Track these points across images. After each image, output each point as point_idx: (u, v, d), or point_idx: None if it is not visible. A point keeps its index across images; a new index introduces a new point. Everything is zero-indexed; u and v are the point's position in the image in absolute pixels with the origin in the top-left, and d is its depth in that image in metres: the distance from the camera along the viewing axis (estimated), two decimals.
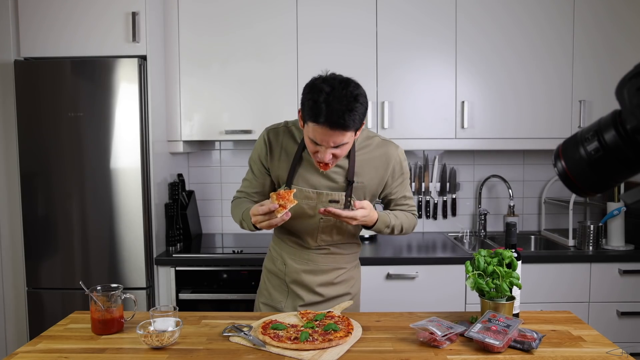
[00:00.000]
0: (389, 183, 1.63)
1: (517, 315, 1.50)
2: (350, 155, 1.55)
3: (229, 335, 1.40)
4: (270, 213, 1.42)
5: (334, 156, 1.43)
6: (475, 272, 1.42)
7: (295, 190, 1.48)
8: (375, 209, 1.57)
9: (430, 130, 2.61)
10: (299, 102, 1.47)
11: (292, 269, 1.69)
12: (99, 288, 1.46)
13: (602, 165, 0.75)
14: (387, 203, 1.72)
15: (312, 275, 1.68)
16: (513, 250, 1.48)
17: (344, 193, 1.54)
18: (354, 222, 1.49)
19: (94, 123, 2.31)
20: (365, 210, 1.48)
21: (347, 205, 1.53)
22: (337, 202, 1.54)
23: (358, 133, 1.45)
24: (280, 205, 1.40)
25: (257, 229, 1.53)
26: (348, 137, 1.39)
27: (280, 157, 1.59)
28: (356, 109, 1.33)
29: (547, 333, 1.42)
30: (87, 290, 1.44)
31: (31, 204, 2.35)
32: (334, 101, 1.31)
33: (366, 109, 1.39)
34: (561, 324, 1.50)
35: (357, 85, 1.38)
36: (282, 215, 1.42)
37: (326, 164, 1.45)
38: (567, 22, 2.58)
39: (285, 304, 1.71)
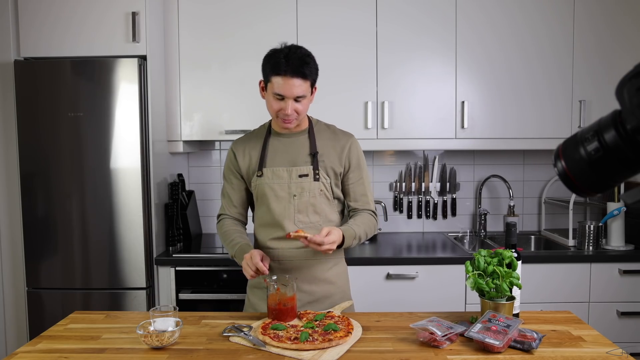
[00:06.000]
0: (346, 167, 1.70)
1: (517, 315, 1.50)
2: (310, 133, 1.71)
3: (229, 335, 1.40)
4: (256, 271, 1.53)
5: (296, 112, 1.59)
6: (475, 272, 1.42)
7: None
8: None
9: (430, 130, 2.61)
10: None
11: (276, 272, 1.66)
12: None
13: (602, 165, 0.75)
14: (346, 194, 1.73)
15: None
16: (513, 250, 1.49)
17: (311, 167, 1.66)
18: (323, 248, 1.49)
19: (94, 123, 2.31)
20: (332, 236, 1.50)
21: (317, 178, 1.65)
22: (307, 175, 1.65)
23: (313, 95, 1.64)
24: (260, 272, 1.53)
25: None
26: (306, 89, 1.57)
27: (245, 153, 1.72)
28: (310, 62, 1.58)
29: (547, 333, 1.42)
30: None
31: (31, 204, 2.35)
32: (291, 57, 1.55)
33: (317, 68, 1.62)
34: (561, 324, 1.50)
35: (307, 50, 1.62)
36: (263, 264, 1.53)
37: (289, 121, 1.60)
38: (567, 22, 2.58)
39: None
